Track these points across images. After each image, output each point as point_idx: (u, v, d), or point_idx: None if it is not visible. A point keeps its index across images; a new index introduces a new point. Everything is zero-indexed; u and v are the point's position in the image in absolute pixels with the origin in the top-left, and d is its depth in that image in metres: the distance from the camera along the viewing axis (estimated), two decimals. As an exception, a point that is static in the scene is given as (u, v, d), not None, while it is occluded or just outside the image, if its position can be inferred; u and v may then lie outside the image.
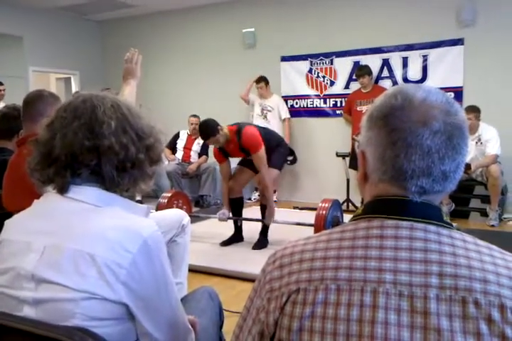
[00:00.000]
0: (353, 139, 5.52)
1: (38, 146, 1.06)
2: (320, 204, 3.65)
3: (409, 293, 0.72)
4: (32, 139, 1.09)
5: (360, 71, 5.70)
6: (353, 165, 5.66)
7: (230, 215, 4.16)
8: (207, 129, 3.73)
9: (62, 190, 1.03)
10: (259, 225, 4.12)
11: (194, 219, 3.80)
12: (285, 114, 6.32)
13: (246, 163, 4.09)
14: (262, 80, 6.23)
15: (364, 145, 0.84)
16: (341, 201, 5.77)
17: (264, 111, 6.28)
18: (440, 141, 0.76)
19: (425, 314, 0.70)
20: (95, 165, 1.02)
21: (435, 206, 0.80)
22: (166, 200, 4.18)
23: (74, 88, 7.87)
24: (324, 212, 3.56)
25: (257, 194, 4.72)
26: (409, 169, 0.77)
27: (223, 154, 3.98)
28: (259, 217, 4.13)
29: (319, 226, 3.48)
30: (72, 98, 1.10)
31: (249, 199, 6.31)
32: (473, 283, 0.71)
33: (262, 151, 3.78)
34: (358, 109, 5.73)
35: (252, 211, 4.77)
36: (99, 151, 1.02)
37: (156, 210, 3.94)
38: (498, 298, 0.70)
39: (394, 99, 0.80)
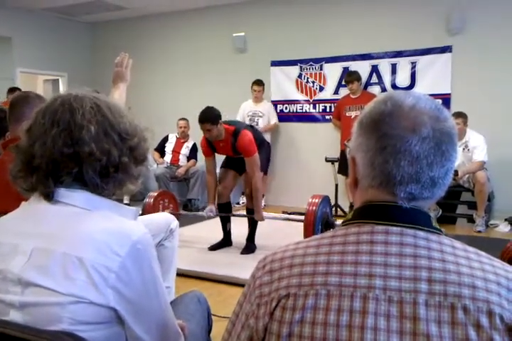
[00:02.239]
0: (345, 145, 5.54)
1: (18, 153, 1.04)
2: (310, 200, 3.58)
3: (398, 298, 0.72)
4: (13, 145, 1.06)
5: (349, 77, 5.74)
6: (342, 170, 5.68)
7: (217, 212, 4.10)
8: (210, 114, 3.70)
9: (47, 199, 1.01)
10: (247, 230, 4.11)
11: (182, 222, 3.78)
12: (275, 119, 6.36)
13: (229, 165, 4.07)
14: (262, 83, 6.24)
15: (354, 151, 0.84)
16: (329, 206, 5.80)
17: (255, 118, 6.28)
18: (429, 147, 0.77)
19: (414, 320, 0.71)
20: (77, 172, 1.01)
21: (424, 212, 0.81)
22: (152, 200, 4.11)
23: (62, 90, 7.82)
24: (314, 207, 3.50)
25: (244, 198, 4.74)
26: (398, 175, 0.77)
27: (211, 148, 3.96)
28: (246, 222, 4.11)
29: (309, 221, 3.44)
30: (50, 100, 1.06)
31: (238, 203, 6.30)
32: (462, 289, 0.72)
33: (256, 156, 3.79)
34: (347, 114, 5.76)
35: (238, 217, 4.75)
36: (80, 158, 1.00)
37: (143, 210, 3.89)
38: (486, 304, 0.71)
39: (384, 105, 0.80)
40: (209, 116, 3.68)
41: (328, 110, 6.26)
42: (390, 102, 0.80)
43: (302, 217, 3.55)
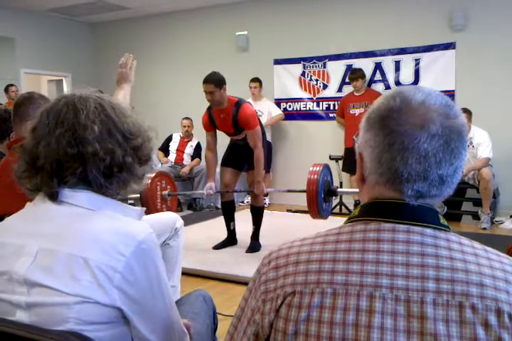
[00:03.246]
0: (353, 140, 5.51)
1: (23, 154, 1.04)
2: (311, 169, 3.51)
3: (405, 297, 0.72)
4: (17, 145, 1.07)
5: (353, 74, 5.72)
6: (346, 168, 5.67)
7: (217, 189, 4.02)
8: (215, 76, 3.71)
9: (51, 199, 1.01)
10: (251, 228, 4.11)
11: (187, 222, 3.77)
12: (278, 111, 6.25)
13: (229, 162, 4.03)
14: (257, 80, 6.21)
15: (362, 147, 0.83)
16: (334, 204, 5.78)
17: None
18: (437, 144, 0.75)
19: (422, 319, 0.70)
20: (81, 172, 1.01)
21: (432, 209, 0.80)
22: (149, 181, 3.93)
23: (66, 90, 7.84)
24: (316, 176, 3.42)
25: (249, 197, 4.73)
26: (406, 172, 0.76)
27: (211, 124, 3.91)
28: (250, 220, 4.10)
29: (311, 190, 3.40)
30: (55, 100, 1.07)
31: (242, 202, 6.30)
32: (470, 288, 0.71)
33: (258, 129, 3.77)
34: (351, 112, 5.75)
35: (244, 214, 4.76)
36: (84, 158, 1.00)
37: (140, 193, 3.83)
38: (494, 303, 0.70)
39: (392, 101, 0.79)
40: (214, 78, 3.67)
41: (331, 108, 6.25)
42: (398, 98, 0.79)
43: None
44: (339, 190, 3.78)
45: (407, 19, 5.66)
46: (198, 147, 6.42)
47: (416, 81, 5.71)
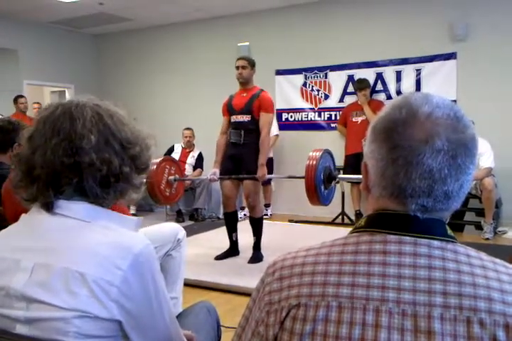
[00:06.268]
0: (362, 143, 5.48)
1: (19, 163, 1.03)
2: (310, 154, 3.45)
3: (412, 312, 0.70)
4: (14, 154, 1.06)
5: (361, 84, 5.74)
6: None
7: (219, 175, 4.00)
8: (250, 58, 4.11)
9: (47, 209, 0.99)
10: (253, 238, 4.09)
11: (189, 232, 3.76)
12: (276, 130, 6.23)
13: (227, 173, 4.00)
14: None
15: (367, 157, 0.82)
16: (336, 215, 5.76)
17: None
18: (443, 160, 0.73)
19: (429, 334, 0.68)
20: (77, 182, 0.99)
21: (439, 220, 0.78)
22: (155, 167, 3.83)
23: (68, 101, 7.86)
24: (314, 162, 3.35)
25: (245, 211, 4.67)
26: (409, 188, 0.75)
27: (228, 107, 4.07)
28: (251, 231, 4.07)
29: (310, 177, 3.36)
30: (52, 108, 1.04)
31: (244, 214, 6.26)
32: (478, 302, 0.70)
33: (272, 117, 4.02)
34: (354, 119, 5.77)
35: (246, 224, 4.74)
36: (80, 168, 0.98)
37: (147, 178, 3.78)
38: (503, 318, 0.69)
39: (398, 113, 0.77)
40: (248, 57, 4.10)
41: (333, 118, 6.26)
42: (404, 110, 0.77)
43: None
44: (340, 176, 3.75)
45: (408, 30, 5.69)
46: (199, 157, 6.42)
47: (417, 91, 5.71)
